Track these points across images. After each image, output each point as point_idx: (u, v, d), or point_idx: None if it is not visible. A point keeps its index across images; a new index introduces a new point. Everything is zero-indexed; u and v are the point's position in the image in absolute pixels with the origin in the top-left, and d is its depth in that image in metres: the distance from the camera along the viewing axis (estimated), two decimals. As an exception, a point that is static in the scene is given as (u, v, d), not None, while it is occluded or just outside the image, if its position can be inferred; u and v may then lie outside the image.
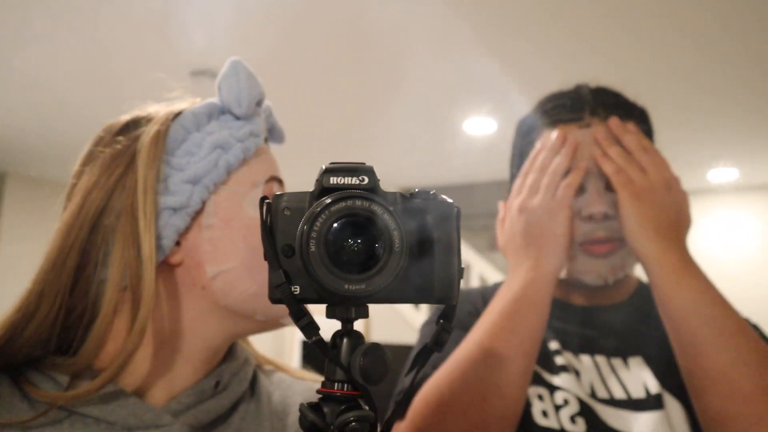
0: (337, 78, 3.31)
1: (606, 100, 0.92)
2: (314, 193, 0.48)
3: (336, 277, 0.45)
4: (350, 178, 0.47)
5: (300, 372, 0.87)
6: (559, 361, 0.89)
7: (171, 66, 3.08)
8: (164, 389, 0.68)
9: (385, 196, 0.49)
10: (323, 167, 0.48)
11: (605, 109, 0.91)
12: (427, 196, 0.51)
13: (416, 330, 1.05)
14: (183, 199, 0.66)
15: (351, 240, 0.46)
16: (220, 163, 0.68)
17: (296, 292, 0.48)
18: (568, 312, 0.96)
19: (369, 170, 0.48)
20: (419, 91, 3.38)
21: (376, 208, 0.46)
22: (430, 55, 2.97)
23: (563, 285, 0.97)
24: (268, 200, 0.50)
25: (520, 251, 0.88)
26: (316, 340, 0.48)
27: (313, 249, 0.45)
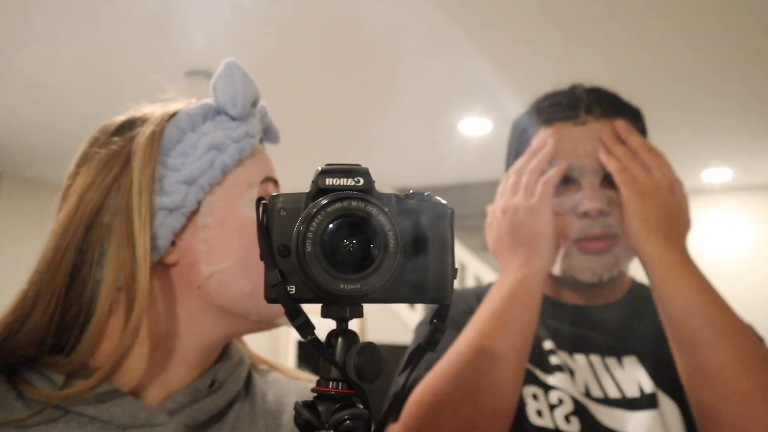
0: (333, 79, 3.31)
1: (601, 99, 0.93)
2: (310, 194, 0.49)
3: (332, 277, 0.46)
4: (346, 180, 0.48)
5: (295, 371, 0.87)
6: (554, 361, 0.89)
7: (170, 67, 3.08)
8: (159, 388, 0.68)
9: (380, 197, 0.49)
10: (319, 168, 0.49)
11: (600, 108, 0.91)
12: (422, 198, 0.52)
13: (411, 330, 1.05)
14: (178, 200, 0.66)
15: (346, 240, 0.47)
16: (216, 164, 0.68)
17: (292, 292, 0.48)
18: (563, 311, 0.96)
19: (364, 172, 0.48)
20: (415, 92, 3.38)
21: (372, 209, 0.46)
22: (426, 57, 2.97)
23: (558, 284, 0.97)
24: (265, 201, 0.51)
25: (509, 252, 0.88)
26: (312, 339, 0.48)
27: (309, 249, 0.45)
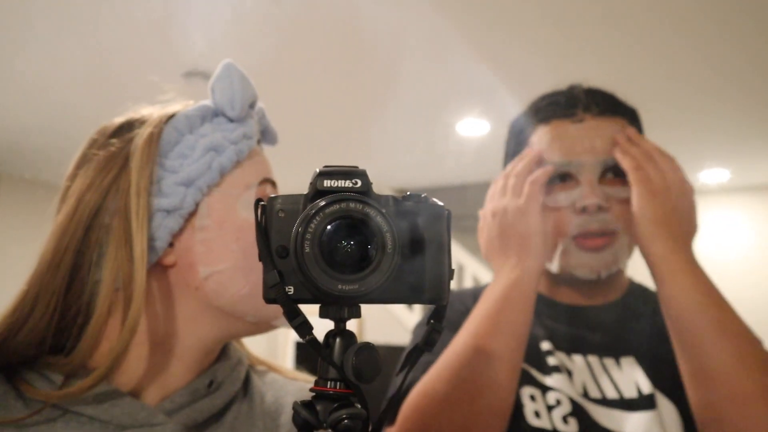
0: (332, 80, 3.31)
1: (598, 98, 0.94)
2: (308, 196, 0.49)
3: (330, 278, 0.46)
4: (344, 181, 0.48)
5: (292, 372, 0.87)
6: (552, 362, 0.89)
7: (169, 69, 3.08)
8: (158, 389, 0.68)
9: (378, 199, 0.49)
10: (317, 170, 0.49)
11: (598, 106, 0.92)
12: (419, 199, 0.52)
13: (409, 331, 1.05)
14: (176, 201, 0.67)
15: (344, 241, 0.47)
16: (214, 166, 0.68)
17: (290, 293, 0.49)
18: (560, 312, 0.96)
19: (362, 173, 0.49)
20: (413, 94, 3.38)
21: (369, 211, 0.47)
22: (424, 58, 2.98)
23: (556, 282, 0.98)
24: (263, 202, 0.51)
25: (500, 254, 0.89)
26: (310, 339, 0.49)
27: (308, 250, 0.46)
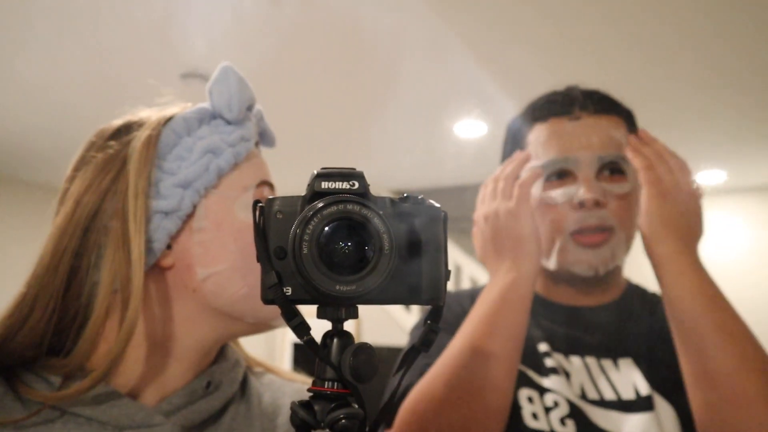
0: (331, 82, 3.31)
1: (595, 98, 0.95)
2: (306, 197, 0.49)
3: (327, 278, 0.46)
4: (341, 183, 0.48)
5: (290, 374, 0.88)
6: (549, 363, 0.89)
7: (169, 71, 3.08)
8: (156, 390, 0.69)
9: (375, 201, 0.50)
10: (315, 172, 0.49)
11: (594, 105, 0.93)
12: (416, 201, 0.52)
13: (407, 332, 1.05)
14: (174, 203, 0.67)
15: (342, 242, 0.47)
16: (211, 168, 0.69)
17: (288, 293, 0.49)
18: (558, 312, 0.96)
19: (359, 175, 0.49)
20: (412, 95, 3.39)
21: (367, 212, 0.47)
22: (423, 60, 2.98)
23: (553, 280, 0.98)
24: (262, 204, 0.51)
25: (496, 257, 0.89)
26: (308, 340, 0.49)
27: (306, 251, 0.46)
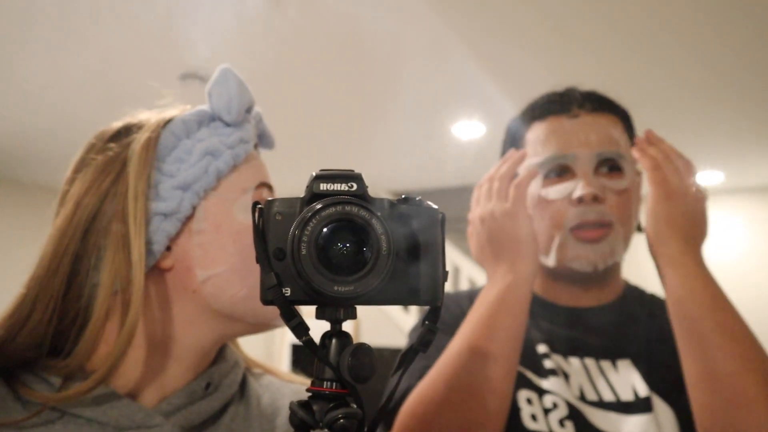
0: (330, 84, 3.32)
1: (593, 97, 0.96)
2: (305, 199, 0.50)
3: (326, 279, 0.47)
4: (340, 185, 0.49)
5: (289, 375, 0.88)
6: (548, 365, 0.89)
7: (170, 73, 3.08)
8: (156, 391, 0.69)
9: (374, 202, 0.50)
10: (313, 174, 0.50)
11: (592, 104, 0.95)
12: (414, 202, 0.53)
13: (405, 333, 1.05)
14: (173, 205, 0.67)
15: (340, 244, 0.48)
16: (210, 170, 0.69)
17: (287, 294, 0.49)
18: (557, 313, 0.97)
19: (357, 177, 0.49)
20: (412, 97, 3.40)
21: (365, 214, 0.47)
22: (423, 62, 3.00)
23: (552, 278, 0.98)
24: (261, 205, 0.52)
25: (493, 259, 0.89)
26: (306, 340, 0.49)
27: (304, 252, 0.46)
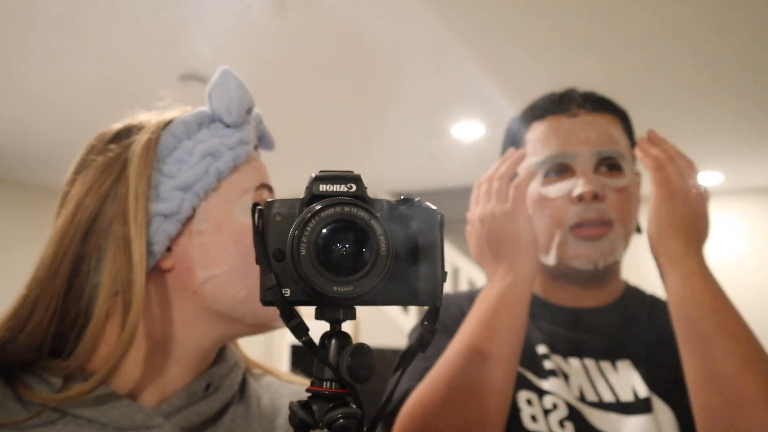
0: (330, 85, 3.32)
1: (592, 97, 0.97)
2: (304, 200, 0.50)
3: (325, 280, 0.47)
4: (339, 186, 0.49)
5: (288, 375, 0.88)
6: (548, 365, 0.89)
7: (171, 74, 3.08)
8: (156, 391, 0.69)
9: (373, 203, 0.51)
10: (313, 175, 0.50)
11: (591, 104, 0.95)
12: (413, 203, 0.53)
13: (404, 333, 1.06)
14: (174, 206, 0.67)
15: (339, 244, 0.48)
16: (211, 171, 0.69)
17: (287, 295, 0.50)
18: (556, 314, 0.97)
19: (357, 178, 0.50)
20: (412, 98, 3.40)
21: (364, 215, 0.48)
22: (423, 64, 3.00)
23: (552, 277, 0.98)
24: (261, 206, 0.52)
25: (492, 259, 0.89)
26: (306, 341, 0.50)
27: (304, 253, 0.47)
